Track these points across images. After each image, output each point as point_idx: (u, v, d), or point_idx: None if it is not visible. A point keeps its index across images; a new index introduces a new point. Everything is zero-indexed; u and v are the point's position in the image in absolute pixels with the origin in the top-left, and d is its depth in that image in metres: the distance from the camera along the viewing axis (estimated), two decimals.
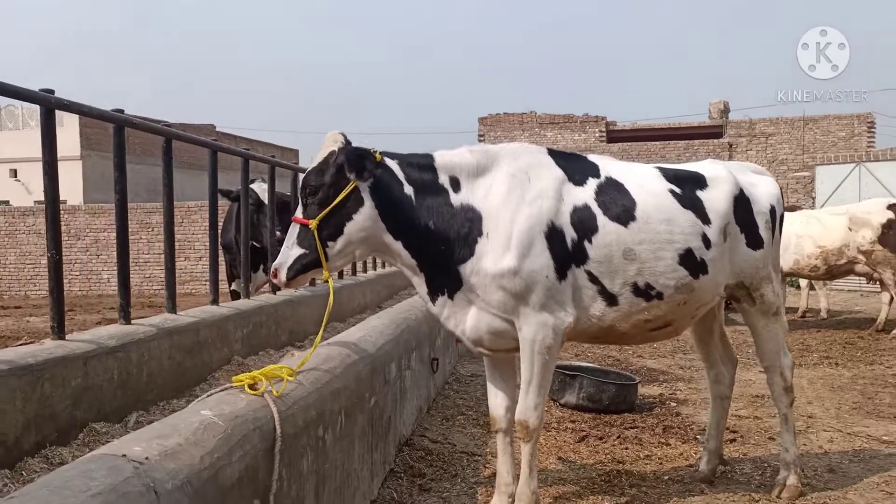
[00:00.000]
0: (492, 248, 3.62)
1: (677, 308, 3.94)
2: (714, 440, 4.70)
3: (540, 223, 3.64)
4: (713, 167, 4.29)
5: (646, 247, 3.78)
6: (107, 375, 4.16)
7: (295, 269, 3.68)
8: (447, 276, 3.72)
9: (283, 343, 6.78)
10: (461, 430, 5.68)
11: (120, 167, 4.55)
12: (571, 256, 3.70)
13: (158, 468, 1.97)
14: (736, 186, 4.19)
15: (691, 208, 3.96)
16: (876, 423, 6.37)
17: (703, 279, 3.95)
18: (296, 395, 2.97)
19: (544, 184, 3.71)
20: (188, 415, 2.41)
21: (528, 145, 3.92)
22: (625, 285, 3.78)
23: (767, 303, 4.34)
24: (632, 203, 3.82)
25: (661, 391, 7.53)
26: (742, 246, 4.20)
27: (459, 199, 3.70)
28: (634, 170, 4.06)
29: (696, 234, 3.92)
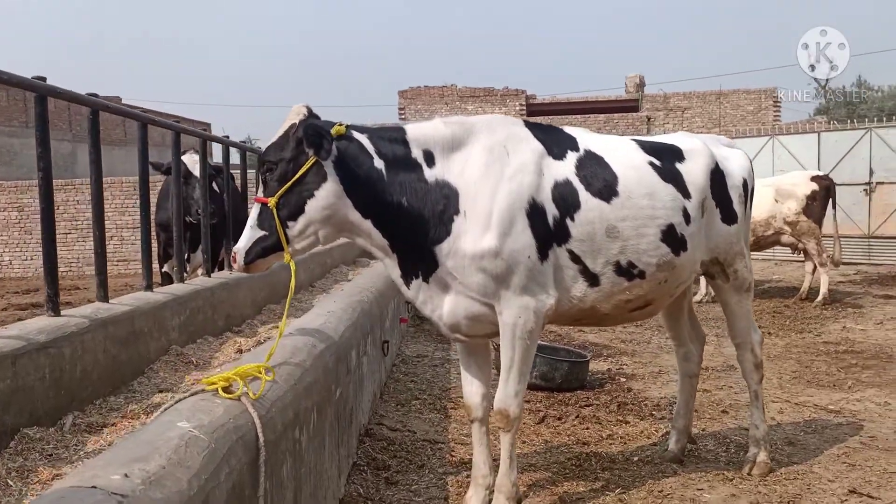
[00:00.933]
0: (470, 228, 3.38)
1: (658, 287, 3.80)
2: (683, 419, 4.63)
3: (521, 200, 3.42)
4: (688, 139, 4.17)
5: (629, 223, 3.62)
6: (38, 374, 3.72)
7: (254, 253, 3.38)
8: (422, 258, 3.47)
9: (221, 329, 6.36)
10: (418, 416, 5.46)
11: (43, 142, 4.06)
12: (553, 235, 3.49)
13: (145, 500, 1.66)
14: (712, 159, 4.08)
15: (672, 182, 3.82)
16: (818, 391, 6.50)
17: (683, 256, 3.83)
18: (272, 395, 2.66)
19: (524, 158, 3.49)
20: (163, 428, 2.08)
21: (505, 117, 3.68)
22: (607, 264, 3.61)
23: (741, 278, 4.27)
24: (613, 177, 3.65)
25: (609, 366, 7.51)
26: (717, 221, 4.10)
27: (434, 174, 3.43)
28: (612, 142, 3.89)
29: (678, 209, 3.79)
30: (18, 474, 3.20)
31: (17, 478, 3.17)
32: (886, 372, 7.16)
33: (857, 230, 16.83)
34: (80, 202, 22.69)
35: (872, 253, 17.02)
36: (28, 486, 3.11)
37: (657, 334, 9.13)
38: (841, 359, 7.72)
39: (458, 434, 5.07)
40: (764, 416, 4.53)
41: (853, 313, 10.28)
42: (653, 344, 8.64)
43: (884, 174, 17.06)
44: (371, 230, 3.45)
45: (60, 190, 22.49)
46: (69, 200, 22.35)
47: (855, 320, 9.78)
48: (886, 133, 17.18)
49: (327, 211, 3.39)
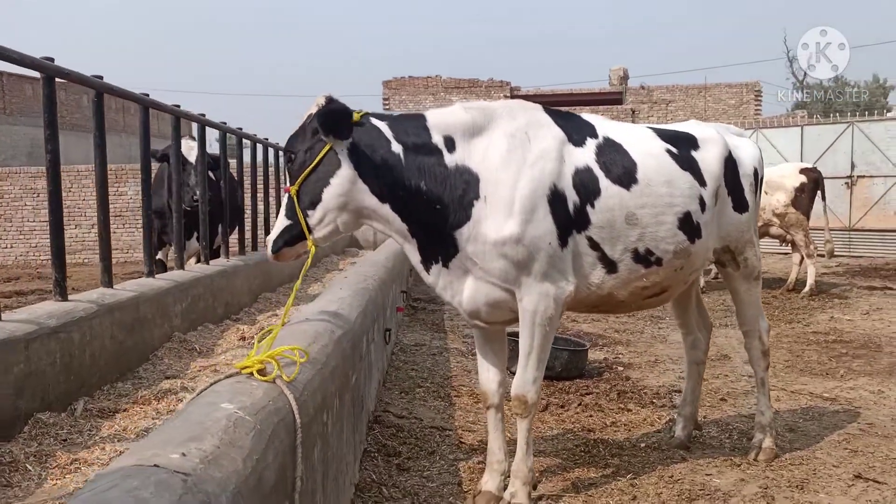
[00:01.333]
0: (491, 213, 3.37)
1: (674, 274, 3.83)
2: (690, 406, 4.68)
3: (542, 186, 3.42)
4: (702, 128, 4.19)
5: (648, 210, 3.64)
6: (49, 359, 3.68)
7: (281, 242, 3.41)
8: (442, 243, 3.46)
9: (220, 316, 6.33)
10: (423, 403, 5.47)
11: (52, 124, 4.01)
12: (573, 222, 3.50)
13: (208, 479, 1.65)
14: (726, 147, 4.11)
15: (689, 170, 3.84)
16: (811, 380, 6.59)
17: (698, 244, 3.86)
18: (303, 379, 2.65)
19: (545, 144, 3.49)
20: (208, 409, 2.07)
21: (525, 102, 3.67)
22: (625, 251, 3.63)
23: (751, 266, 4.31)
24: (632, 164, 3.66)
25: (605, 356, 7.55)
26: (729, 209, 4.14)
27: (454, 159, 3.42)
28: (629, 129, 3.90)
29: (694, 196, 3.81)
30: (36, 458, 3.18)
31: (36, 462, 3.14)
32: (877, 361, 7.27)
33: (838, 223, 17.02)
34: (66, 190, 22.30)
35: (853, 245, 17.26)
36: (47, 471, 3.09)
37: (650, 324, 9.21)
38: (831, 348, 7.83)
39: (464, 421, 5.09)
40: (769, 402, 4.58)
41: (839, 304, 10.42)
42: (646, 334, 8.70)
43: (865, 168, 17.29)
44: (389, 215, 3.44)
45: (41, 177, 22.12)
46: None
47: (842, 311, 9.92)
48: (868, 127, 17.40)
49: (343, 198, 3.38)
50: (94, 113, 4.57)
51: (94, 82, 4.45)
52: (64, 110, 35.93)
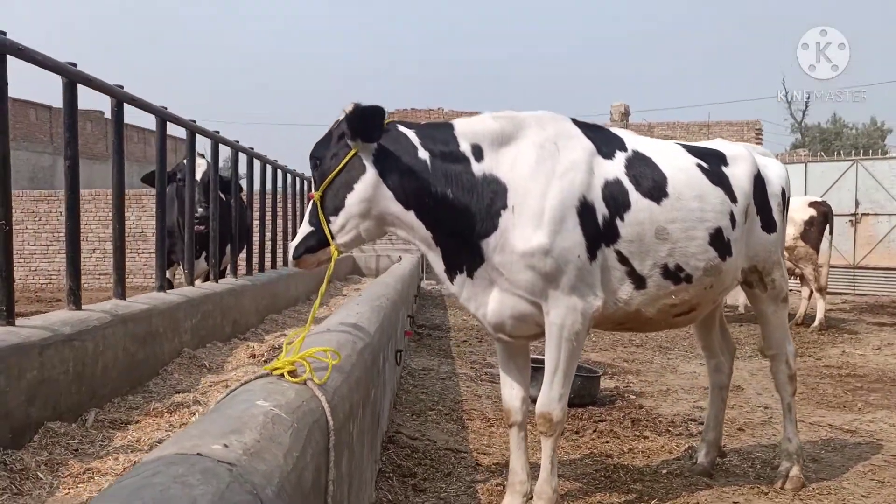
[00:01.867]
0: (519, 224, 3.30)
1: (703, 292, 3.75)
2: (713, 431, 4.56)
3: (572, 197, 3.36)
4: (731, 145, 4.15)
5: (678, 225, 3.57)
6: (63, 367, 3.58)
7: (303, 248, 3.36)
8: (467, 252, 3.39)
9: (228, 335, 6.22)
10: (436, 426, 5.34)
11: (71, 128, 3.95)
12: (602, 235, 3.43)
13: (252, 471, 1.55)
14: (755, 165, 4.07)
15: (720, 185, 3.78)
16: (829, 412, 6.48)
17: (728, 261, 3.78)
18: (332, 384, 2.56)
19: (575, 155, 3.43)
20: (244, 405, 1.98)
21: (553, 113, 3.62)
22: (655, 267, 3.55)
23: (778, 288, 4.24)
24: (663, 178, 3.60)
25: (616, 384, 7.43)
26: (758, 228, 4.07)
27: (482, 168, 3.36)
28: (658, 144, 3.85)
29: (725, 212, 3.75)
30: (48, 467, 3.07)
31: (47, 470, 3.03)
32: (893, 395, 7.16)
33: (842, 260, 17.00)
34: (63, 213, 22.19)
35: (857, 283, 17.21)
36: (59, 479, 2.97)
37: (658, 355, 9.10)
38: (845, 382, 7.73)
39: (479, 444, 4.97)
40: (796, 430, 4.47)
41: (850, 339, 10.33)
42: (656, 364, 8.59)
43: (869, 205, 17.31)
44: (414, 222, 3.37)
45: (43, 201, 22.17)
46: (52, 212, 21.94)
47: (853, 346, 9.82)
48: (872, 165, 17.47)
49: (367, 204, 3.32)
50: (114, 121, 4.52)
51: (115, 91, 4.41)
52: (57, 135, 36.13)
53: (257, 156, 8.10)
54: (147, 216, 20.37)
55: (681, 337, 10.39)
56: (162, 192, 5.32)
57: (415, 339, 9.01)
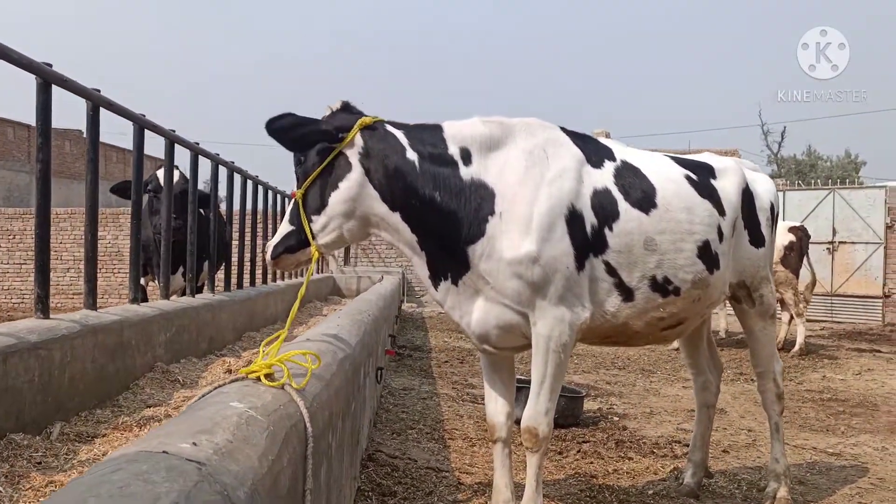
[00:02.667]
0: (507, 231, 3.22)
1: (692, 305, 3.67)
2: (699, 451, 4.47)
3: (561, 205, 3.28)
4: (719, 158, 4.11)
5: (667, 237, 3.50)
6: (27, 376, 3.41)
7: (282, 248, 3.24)
8: (452, 258, 3.29)
9: (204, 351, 6.05)
10: (416, 445, 5.20)
11: (45, 133, 3.82)
12: (591, 244, 3.35)
13: (223, 471, 1.43)
14: (743, 178, 4.03)
15: (708, 198, 3.73)
16: (813, 435, 6.42)
17: (716, 274, 3.71)
18: (311, 390, 2.44)
19: (564, 163, 3.36)
20: (217, 406, 1.85)
21: (542, 121, 3.55)
22: (643, 279, 3.47)
23: (766, 304, 4.18)
24: (651, 188, 3.54)
25: (599, 405, 7.34)
26: (745, 242, 4.02)
27: (470, 172, 3.28)
28: (647, 155, 3.79)
29: (713, 225, 3.69)
30: (8, 480, 2.90)
31: (7, 483, 2.87)
32: (876, 419, 7.13)
33: (819, 288, 17.05)
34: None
35: (835, 310, 17.30)
36: (20, 492, 2.81)
37: (641, 377, 9.02)
38: (828, 406, 7.69)
39: (461, 463, 4.83)
40: (784, 450, 4.38)
41: (830, 364, 10.32)
42: (638, 386, 8.50)
43: (846, 234, 17.47)
44: (399, 224, 3.28)
45: (18, 219, 21.81)
46: (26, 230, 21.54)
47: (833, 370, 9.81)
48: (849, 194, 17.66)
49: (351, 203, 3.23)
50: (89, 127, 4.40)
51: (91, 94, 4.29)
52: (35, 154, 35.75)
53: (238, 170, 7.98)
54: (124, 235, 20.06)
55: (663, 360, 10.33)
56: (138, 202, 5.18)
57: (395, 359, 8.87)
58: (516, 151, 3.33)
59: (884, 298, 16.83)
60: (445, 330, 13.86)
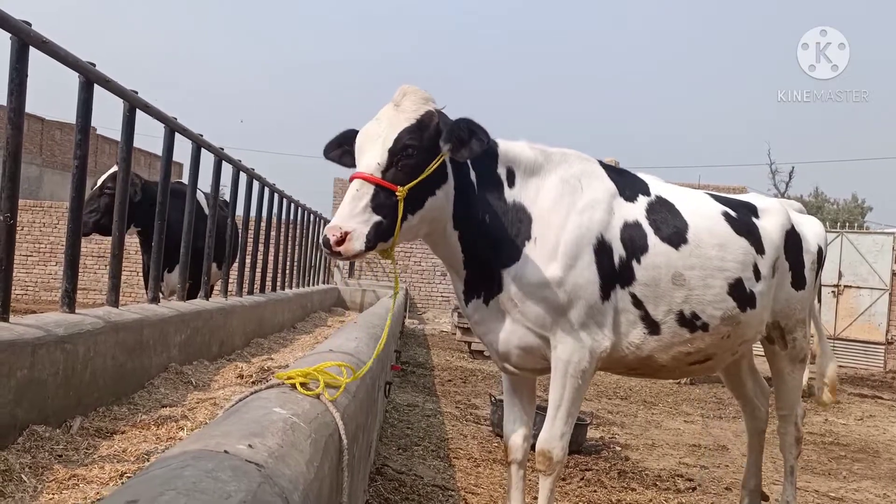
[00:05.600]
0: (538, 255, 3.26)
1: (720, 342, 3.69)
2: (754, 478, 4.49)
3: (589, 234, 3.33)
4: (763, 199, 4.16)
5: (696, 272, 3.54)
6: (53, 369, 3.46)
7: (375, 239, 2.94)
8: (489, 279, 3.30)
9: (215, 355, 6.09)
10: (422, 462, 5.23)
11: (84, 130, 3.90)
12: (618, 275, 3.40)
13: (279, 474, 1.49)
14: (788, 220, 4.06)
15: (745, 235, 3.76)
16: (814, 478, 6.44)
17: (749, 313, 3.73)
18: (342, 401, 2.48)
19: (597, 195, 3.42)
20: (261, 411, 1.90)
21: (580, 153, 3.61)
22: (669, 312, 3.51)
23: (798, 348, 4.19)
24: (683, 224, 3.58)
25: (601, 434, 7.36)
26: (787, 283, 4.04)
27: (513, 195, 3.31)
28: (684, 191, 3.84)
29: (748, 263, 3.72)
30: (32, 470, 2.94)
31: (31, 474, 2.90)
32: (877, 466, 7.14)
33: None
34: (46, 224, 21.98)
35: (837, 355, 17.28)
36: (43, 484, 2.85)
37: (643, 409, 9.04)
38: (829, 450, 7.70)
39: (466, 483, 4.86)
40: (795, 493, 4.40)
41: (832, 408, 10.30)
42: (640, 417, 8.52)
43: (852, 278, 17.49)
44: (454, 241, 3.24)
45: (28, 210, 21.86)
46: (35, 222, 21.64)
47: (835, 415, 9.82)
48: (857, 239, 17.70)
49: (437, 213, 3.15)
50: (124, 127, 4.47)
51: (129, 96, 4.37)
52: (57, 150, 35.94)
53: (257, 177, 8.06)
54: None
55: (665, 392, 10.35)
56: (164, 202, 5.24)
57: (399, 375, 8.90)
58: (553, 179, 3.37)
59: (886, 345, 16.83)
60: (447, 348, 13.89)
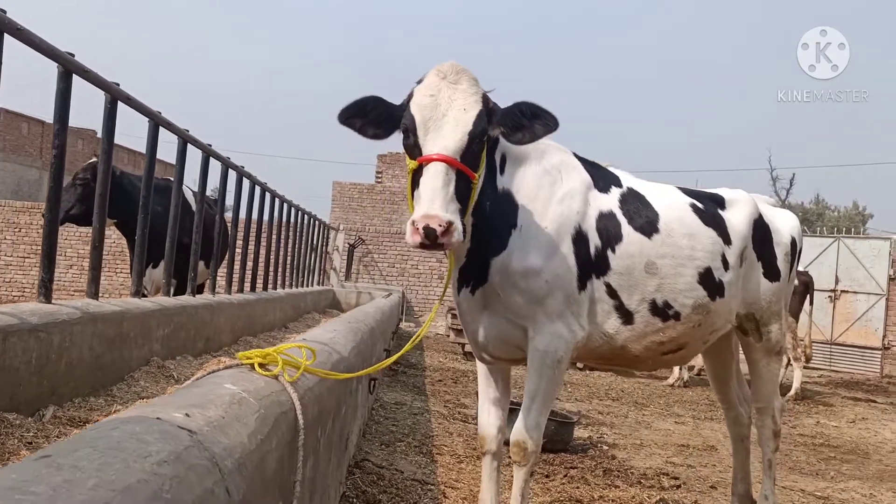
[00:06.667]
0: (521, 244, 3.24)
1: (692, 331, 3.69)
2: (742, 483, 4.48)
3: (568, 224, 3.33)
4: (731, 191, 4.16)
5: (668, 261, 3.54)
6: (25, 357, 3.45)
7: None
8: (480, 268, 3.26)
9: (200, 350, 6.07)
10: (404, 457, 5.21)
11: (62, 119, 3.89)
12: (593, 265, 3.39)
13: (213, 441, 1.47)
14: (756, 210, 4.06)
15: (713, 226, 3.77)
16: (802, 478, 6.41)
17: (719, 302, 3.74)
18: (304, 384, 2.47)
19: (574, 185, 3.42)
20: (211, 386, 1.90)
21: (558, 145, 3.59)
22: (643, 301, 3.50)
23: (774, 340, 4.19)
24: (655, 215, 3.59)
25: (589, 434, 7.34)
26: (758, 274, 4.04)
27: (502, 182, 3.27)
28: (653, 185, 3.85)
29: (717, 253, 3.73)
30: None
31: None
32: (866, 467, 7.11)
33: (819, 335, 17.02)
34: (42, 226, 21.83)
35: (834, 359, 17.24)
36: None
37: (634, 409, 9.02)
38: (819, 451, 7.67)
39: (447, 478, 4.84)
40: (774, 486, 4.38)
41: (825, 410, 10.30)
42: (630, 418, 8.50)
43: (849, 283, 17.44)
44: (468, 230, 3.09)
45: (26, 212, 21.90)
46: (32, 224, 21.64)
47: (827, 417, 9.79)
48: (854, 244, 17.67)
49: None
50: (105, 120, 4.47)
51: (110, 87, 4.37)
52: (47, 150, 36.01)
53: (247, 175, 8.06)
54: None
55: (657, 394, 10.33)
56: (147, 196, 5.24)
57: (389, 374, 8.89)
58: (536, 168, 3.35)
59: (883, 350, 16.78)
60: (441, 350, 13.87)
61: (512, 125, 3.03)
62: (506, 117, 3.04)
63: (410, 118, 2.94)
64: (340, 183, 31.82)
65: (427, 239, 2.69)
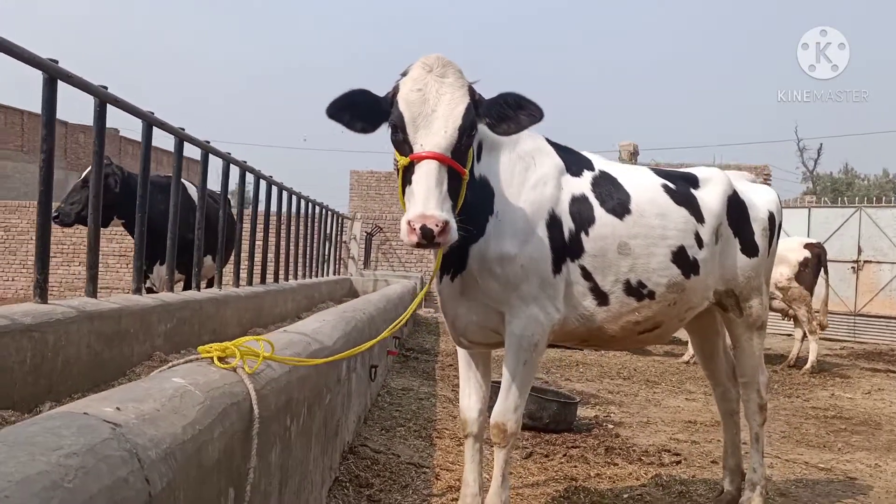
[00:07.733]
0: (497, 231, 3.29)
1: (667, 309, 3.73)
2: (732, 457, 4.51)
3: (541, 209, 3.37)
4: (707, 170, 4.17)
5: (640, 241, 3.58)
6: (19, 357, 3.59)
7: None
8: (459, 256, 3.30)
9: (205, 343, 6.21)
10: (403, 442, 5.31)
11: (49, 125, 4.01)
12: (568, 249, 3.44)
13: (138, 433, 1.56)
14: (730, 187, 4.07)
15: (685, 205, 3.79)
16: (808, 451, 6.40)
17: (693, 279, 3.76)
18: (267, 375, 2.56)
19: (546, 170, 3.46)
20: (157, 381, 1.99)
21: (530, 131, 3.62)
22: (617, 282, 3.54)
23: (755, 315, 4.20)
24: (626, 196, 3.62)
25: (596, 413, 7.38)
26: (735, 251, 4.06)
27: (479, 169, 3.29)
28: (625, 167, 3.89)
29: (689, 231, 3.75)
30: None
31: None
32: (876, 437, 7.07)
33: (843, 307, 16.86)
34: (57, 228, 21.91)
35: (857, 330, 17.04)
36: None
37: (645, 388, 9.03)
38: (830, 423, 7.63)
39: (443, 461, 4.93)
40: (762, 459, 4.41)
41: (841, 382, 10.22)
42: (640, 397, 8.52)
43: (871, 253, 17.20)
44: None
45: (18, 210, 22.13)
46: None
47: (843, 389, 9.71)
48: (876, 213, 17.39)
49: None
50: (96, 121, 4.59)
51: (97, 91, 4.48)
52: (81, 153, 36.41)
53: (250, 169, 8.17)
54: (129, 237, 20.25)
55: (670, 371, 10.33)
56: (144, 195, 5.37)
57: (400, 360, 8.99)
58: (510, 155, 3.38)
59: None
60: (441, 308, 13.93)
61: (497, 116, 3.07)
62: (491, 108, 3.07)
63: (399, 114, 2.96)
64: (358, 172, 32.01)
65: (424, 238, 2.75)
